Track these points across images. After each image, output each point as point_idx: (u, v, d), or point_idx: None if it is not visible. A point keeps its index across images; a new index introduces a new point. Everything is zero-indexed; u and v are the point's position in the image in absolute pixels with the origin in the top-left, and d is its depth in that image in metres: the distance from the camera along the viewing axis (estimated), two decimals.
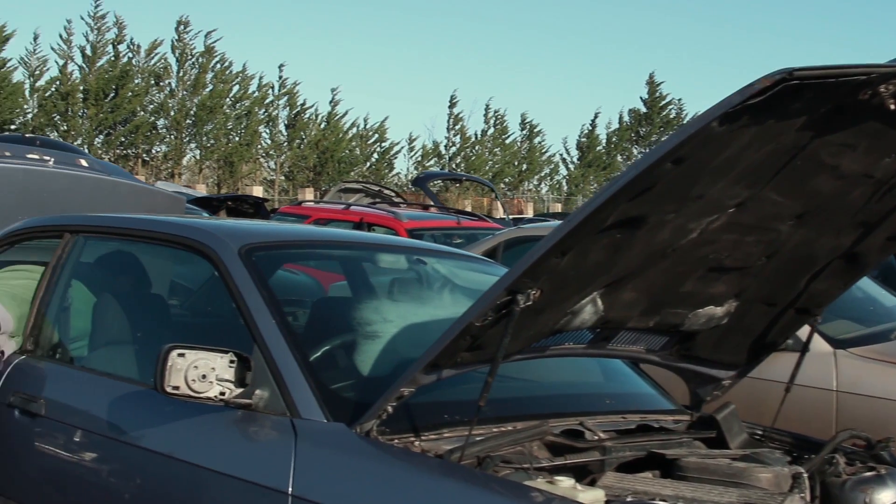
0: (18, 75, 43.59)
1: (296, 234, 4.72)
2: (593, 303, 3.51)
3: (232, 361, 3.41)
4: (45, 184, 5.92)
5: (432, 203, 16.14)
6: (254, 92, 49.91)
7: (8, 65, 42.48)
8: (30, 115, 43.42)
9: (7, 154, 5.96)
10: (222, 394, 3.41)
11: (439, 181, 38.61)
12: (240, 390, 3.42)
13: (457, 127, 55.08)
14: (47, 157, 6.07)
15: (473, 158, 54.68)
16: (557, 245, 2.97)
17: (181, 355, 3.37)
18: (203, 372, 3.38)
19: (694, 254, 3.48)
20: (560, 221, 3.93)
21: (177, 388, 3.37)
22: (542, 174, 60.44)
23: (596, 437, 3.64)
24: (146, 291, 4.78)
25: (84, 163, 6.32)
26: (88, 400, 4.07)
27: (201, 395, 3.39)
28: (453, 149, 55.12)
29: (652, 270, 3.48)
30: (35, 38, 44.97)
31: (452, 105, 54.87)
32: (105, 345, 4.46)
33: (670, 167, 2.86)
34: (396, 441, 3.28)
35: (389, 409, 3.27)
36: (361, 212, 12.29)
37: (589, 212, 2.92)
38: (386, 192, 18.44)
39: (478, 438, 3.33)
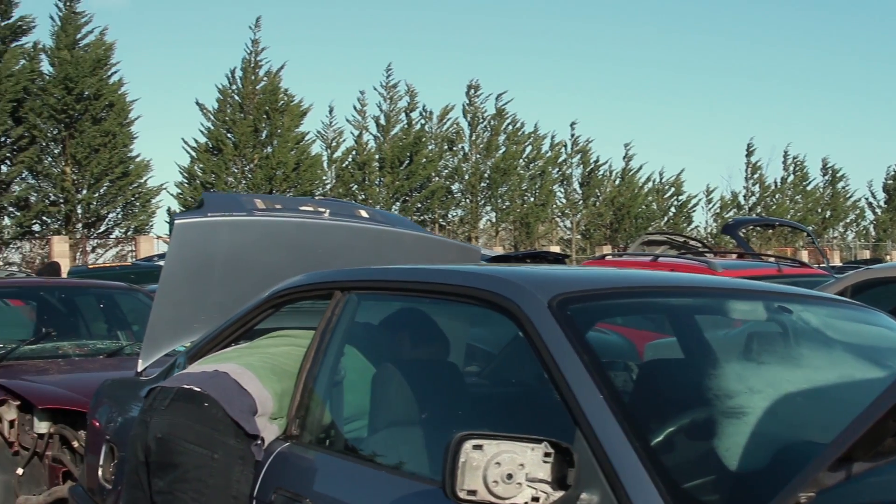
0: (316, 147, 44.64)
1: (619, 279, 3.63)
2: None
3: (547, 454, 2.47)
4: (321, 238, 5.18)
5: (743, 251, 14.88)
6: (546, 151, 49.80)
7: (307, 138, 43.49)
8: (328, 186, 44.29)
9: (278, 207, 5.25)
10: (535, 499, 2.48)
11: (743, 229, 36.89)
12: (559, 494, 2.49)
13: (755, 175, 53.39)
14: (322, 209, 5.33)
15: (774, 207, 52.76)
16: None
17: (478, 448, 2.46)
18: (508, 470, 2.46)
19: None
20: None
21: (473, 492, 2.46)
22: (847, 220, 57.81)
23: None
24: (435, 359, 3.89)
25: (364, 214, 5.54)
26: (365, 502, 3.19)
27: (507, 502, 2.46)
28: (752, 198, 53.32)
29: None
30: (330, 111, 46.27)
31: (749, 153, 53.37)
32: (387, 428, 3.58)
33: None
34: None
35: None
36: (670, 262, 11.18)
37: None
38: (692, 241, 17.22)
39: None
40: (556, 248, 43.05)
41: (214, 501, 3.52)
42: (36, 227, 39.81)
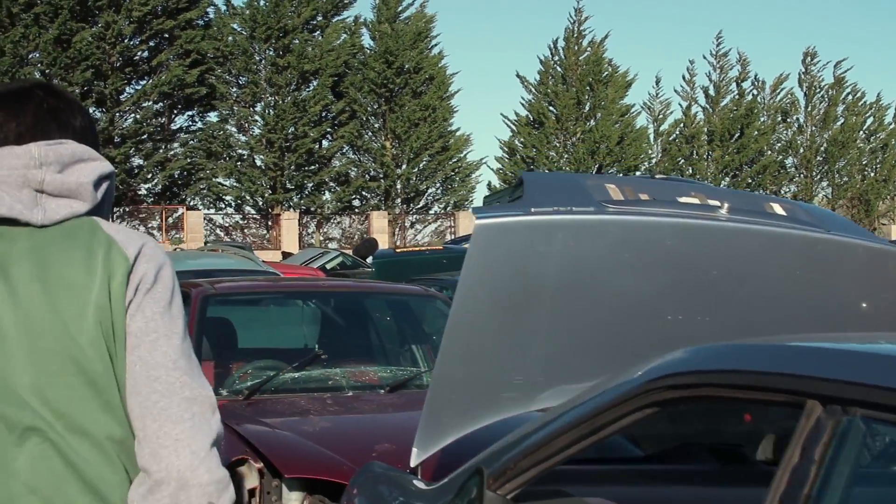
0: (642, 120, 43.20)
1: None
2: None
3: None
4: (715, 251, 3.10)
5: None
6: (889, 123, 46.50)
7: (632, 111, 42.02)
8: (654, 160, 42.60)
9: (644, 197, 3.20)
10: None
11: None
12: None
13: None
14: (716, 202, 3.23)
15: None
16: None
17: None
18: None
19: None
20: None
21: None
22: None
23: None
24: None
25: (779, 209, 3.39)
26: None
27: None
28: None
29: None
30: (657, 82, 45.06)
31: None
32: None
33: None
34: None
35: None
36: None
37: None
38: None
39: None
40: None
41: None
42: (356, 202, 39.75)
